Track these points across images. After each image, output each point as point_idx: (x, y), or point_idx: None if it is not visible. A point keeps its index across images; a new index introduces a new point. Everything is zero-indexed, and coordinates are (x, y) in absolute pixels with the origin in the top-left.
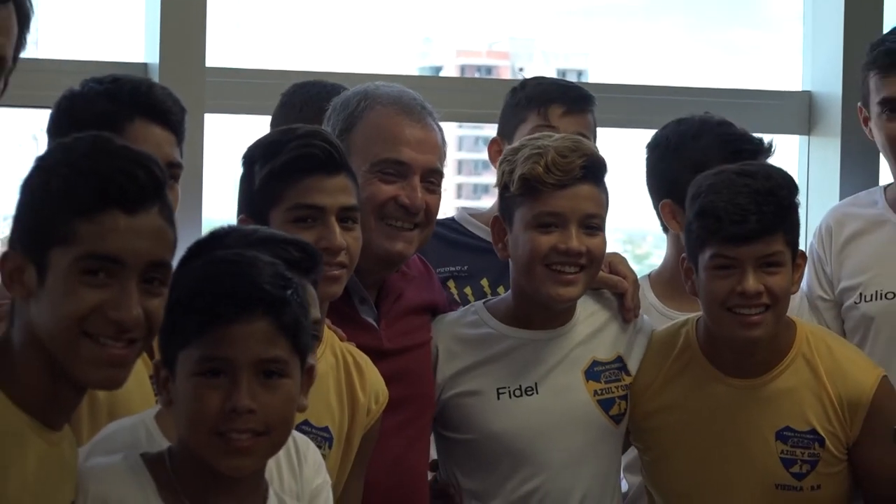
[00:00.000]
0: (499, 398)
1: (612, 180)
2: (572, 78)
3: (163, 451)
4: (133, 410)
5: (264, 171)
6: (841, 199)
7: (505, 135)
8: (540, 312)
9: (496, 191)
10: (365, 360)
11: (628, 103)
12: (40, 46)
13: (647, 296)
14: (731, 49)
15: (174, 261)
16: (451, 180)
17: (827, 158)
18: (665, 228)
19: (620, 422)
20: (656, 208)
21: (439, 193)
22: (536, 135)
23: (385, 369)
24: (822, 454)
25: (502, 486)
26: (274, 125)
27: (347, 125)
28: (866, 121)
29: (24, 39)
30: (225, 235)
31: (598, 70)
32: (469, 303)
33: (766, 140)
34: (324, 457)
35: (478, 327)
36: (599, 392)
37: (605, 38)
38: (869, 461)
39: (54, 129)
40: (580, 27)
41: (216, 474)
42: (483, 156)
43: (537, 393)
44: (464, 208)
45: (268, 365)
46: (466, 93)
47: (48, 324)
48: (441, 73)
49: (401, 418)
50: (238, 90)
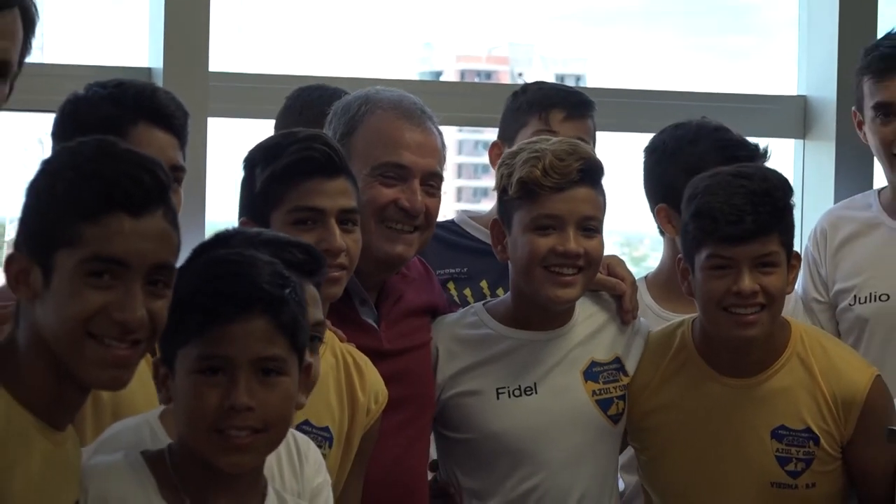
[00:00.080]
0: (498, 398)
1: (610, 183)
2: (570, 83)
3: (163, 449)
4: (137, 410)
5: (265, 174)
6: (835, 203)
7: (506, 138)
8: (539, 314)
9: (496, 194)
10: (365, 361)
11: (626, 107)
12: (46, 51)
13: (644, 298)
14: (727, 54)
15: (178, 263)
16: (451, 183)
17: (821, 162)
18: (662, 231)
19: (618, 421)
20: (653, 212)
21: (439, 196)
22: (534, 138)
23: (385, 370)
24: (816, 452)
25: (501, 485)
26: (277, 129)
27: (348, 129)
28: (860, 125)
29: (30, 44)
30: (229, 238)
31: (596, 75)
32: (468, 304)
33: (763, 145)
34: (324, 456)
35: (477, 328)
36: (598, 392)
37: (603, 44)
38: (863, 459)
39: (59, 132)
40: (578, 33)
41: (215, 471)
42: (482, 159)
43: (536, 393)
44: (463, 211)
45: (266, 363)
46: (466, 97)
47: (53, 325)
48: (441, 78)
49: (400, 418)
50: (241, 94)
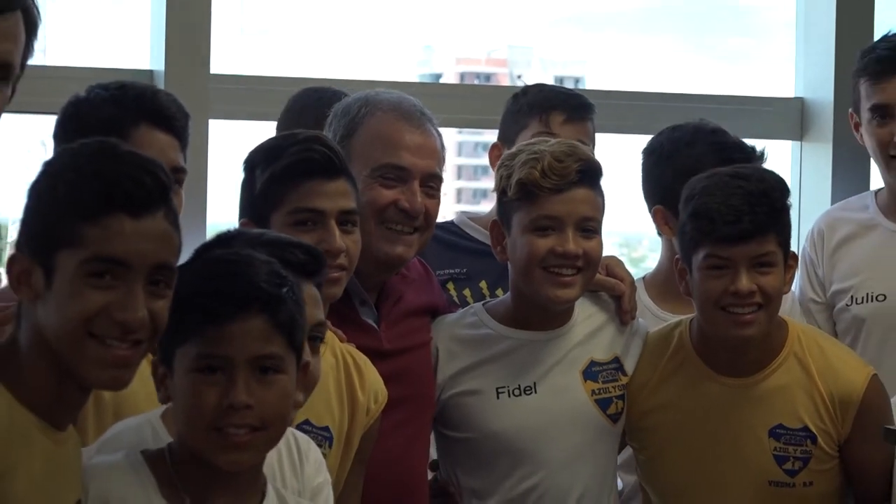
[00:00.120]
0: (498, 398)
1: (609, 185)
2: (569, 85)
3: (163, 448)
4: (139, 410)
5: (265, 176)
6: (833, 204)
7: (506, 140)
8: (538, 314)
9: (495, 195)
10: (364, 361)
11: (624, 109)
12: (48, 54)
13: (642, 298)
14: (725, 57)
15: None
16: (450, 185)
17: (819, 163)
18: (660, 233)
19: (618, 421)
20: (651, 213)
21: (438, 198)
22: (533, 140)
23: (385, 370)
24: (814, 451)
25: (501, 484)
26: (279, 131)
27: (348, 131)
28: (857, 126)
29: (32, 47)
30: (231, 239)
31: (595, 77)
32: (468, 304)
33: (759, 148)
34: (324, 456)
35: (477, 328)
36: (597, 392)
37: (602, 47)
38: (860, 458)
39: (61, 134)
40: (577, 36)
41: (215, 469)
42: (482, 161)
43: (536, 392)
44: (463, 212)
45: (264, 361)
46: (466, 99)
47: (55, 325)
48: (441, 80)
49: (400, 418)
50: (242, 96)
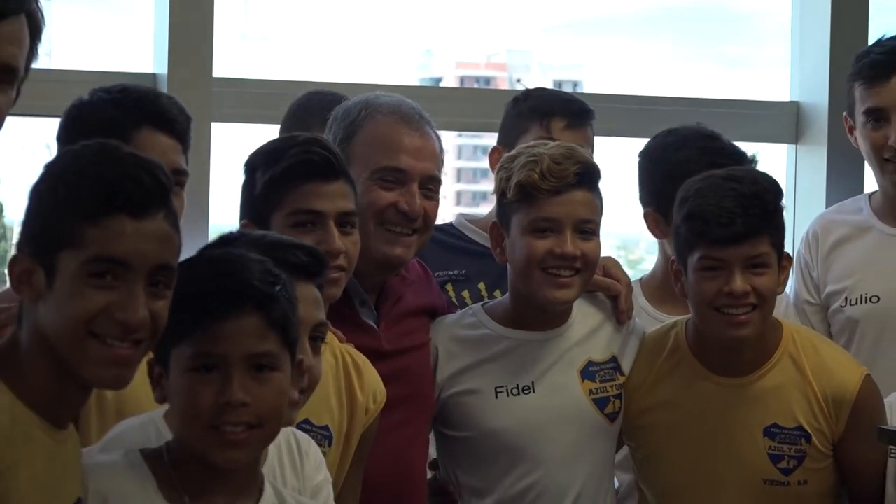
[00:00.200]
0: (496, 397)
1: (607, 187)
2: (568, 89)
3: (161, 447)
4: (141, 409)
5: (265, 178)
6: (827, 206)
7: (506, 144)
8: (536, 314)
9: (495, 198)
10: (363, 361)
11: (622, 113)
12: (53, 57)
13: (639, 300)
14: (722, 61)
15: None
16: (450, 188)
17: (814, 166)
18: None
19: (615, 420)
20: (643, 215)
21: (437, 200)
22: (532, 143)
23: (384, 369)
24: (808, 450)
25: (500, 483)
26: (281, 134)
27: (348, 133)
28: (851, 130)
29: (36, 50)
30: (234, 240)
31: (593, 81)
32: (467, 305)
33: (751, 153)
34: (324, 454)
35: (476, 329)
36: (594, 391)
37: (600, 51)
38: (853, 457)
39: (64, 136)
40: (575, 40)
41: (212, 467)
42: (481, 164)
43: (534, 392)
44: (462, 214)
45: (259, 359)
46: (465, 103)
47: (56, 325)
48: (441, 84)
49: (400, 417)
50: (244, 100)
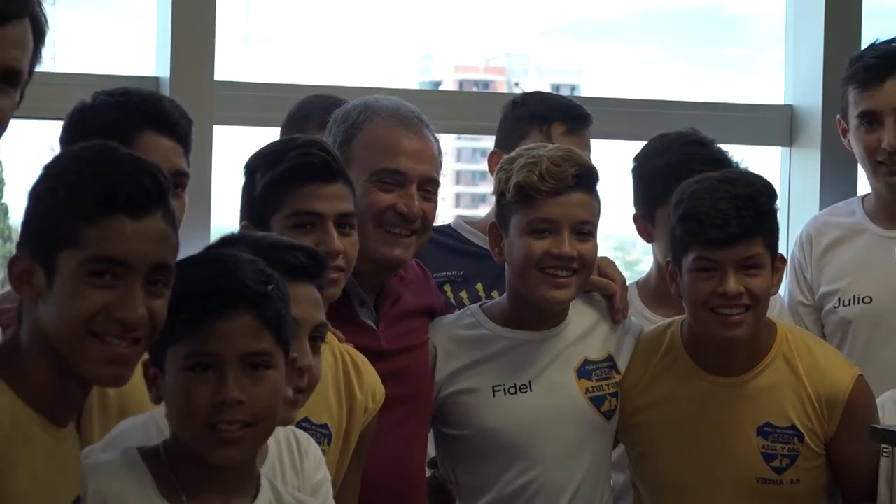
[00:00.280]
0: (494, 396)
1: (604, 189)
2: (565, 92)
3: (158, 445)
4: (143, 408)
5: (265, 179)
6: (821, 209)
7: (505, 148)
8: (534, 314)
9: (493, 200)
10: (362, 360)
11: (619, 116)
12: (58, 61)
13: (635, 303)
14: (717, 65)
15: None
16: (449, 190)
17: (807, 169)
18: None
19: (611, 418)
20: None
21: (436, 201)
22: (532, 145)
23: (383, 369)
24: (801, 449)
25: (498, 481)
26: (280, 136)
27: (348, 136)
28: (845, 132)
29: (40, 53)
30: (235, 242)
31: (590, 85)
32: (465, 306)
33: (735, 160)
34: (323, 453)
35: (474, 329)
36: (591, 390)
37: (597, 55)
38: (846, 456)
39: (67, 139)
40: (573, 44)
41: (209, 465)
42: (480, 166)
43: (531, 391)
44: (460, 216)
45: (254, 358)
46: (464, 106)
47: (56, 324)
48: (440, 88)
49: (398, 416)
50: (245, 103)
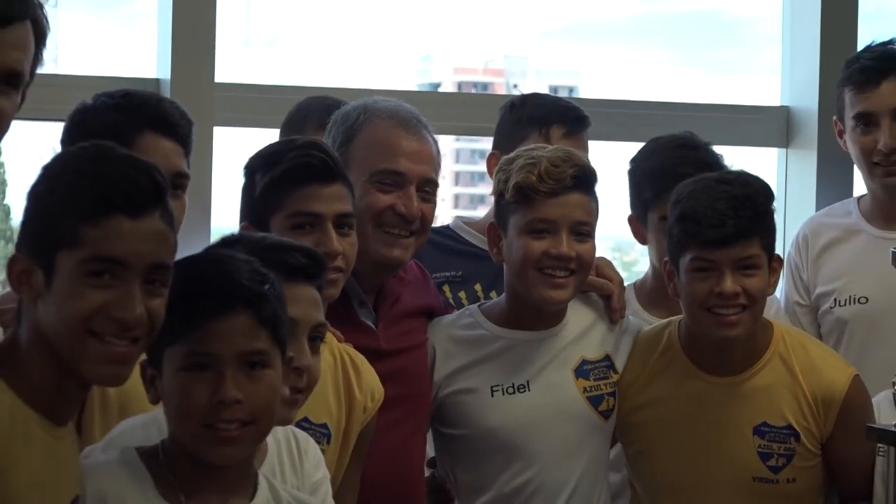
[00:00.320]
0: (492, 395)
1: (602, 191)
2: (563, 94)
3: (157, 445)
4: (144, 408)
5: (265, 180)
6: (817, 209)
7: (504, 150)
8: (532, 314)
9: (492, 200)
10: (361, 360)
11: (617, 118)
12: (59, 63)
13: (632, 304)
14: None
15: None
16: (448, 191)
17: (804, 170)
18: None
19: (609, 417)
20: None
21: (434, 202)
22: (531, 146)
23: (382, 369)
24: (797, 448)
25: (496, 480)
26: (280, 137)
27: (347, 137)
28: (841, 134)
29: (41, 55)
30: (235, 242)
31: (588, 86)
32: (463, 306)
33: (726, 165)
34: (322, 452)
35: (473, 329)
36: (588, 389)
37: (595, 57)
38: (842, 456)
39: (68, 140)
40: (571, 46)
41: (207, 465)
42: (479, 168)
43: (529, 390)
44: (458, 217)
45: (251, 357)
46: (464, 107)
47: (55, 323)
48: (440, 89)
49: (397, 415)
50: (245, 104)
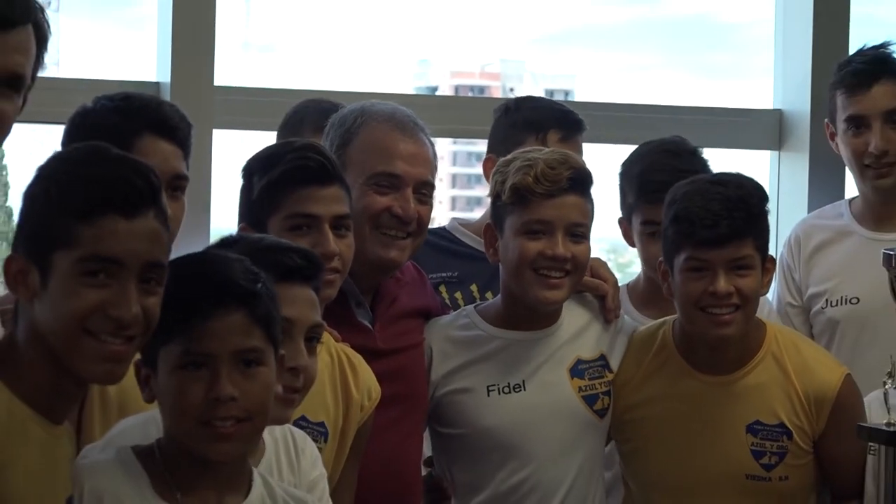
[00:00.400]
0: (489, 395)
1: (598, 193)
2: (559, 97)
3: (152, 444)
4: (143, 407)
5: (263, 182)
6: (809, 211)
7: (500, 154)
8: (527, 314)
9: (488, 203)
10: (358, 360)
11: (611, 121)
12: (61, 66)
13: (625, 304)
14: (709, 70)
15: None
16: (445, 193)
17: (796, 172)
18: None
19: (604, 416)
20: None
21: (431, 204)
22: (528, 148)
23: (379, 368)
24: (789, 447)
25: (493, 478)
26: (278, 140)
27: (345, 140)
28: (833, 136)
29: (42, 59)
30: (233, 243)
31: (583, 90)
32: (459, 307)
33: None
34: (320, 450)
35: (469, 329)
36: (584, 388)
37: (590, 61)
38: (834, 454)
39: (68, 142)
40: (566, 50)
41: (203, 462)
42: (476, 170)
43: (525, 390)
44: (454, 218)
45: (246, 354)
46: (460, 111)
47: (51, 322)
48: (437, 93)
49: (394, 414)
50: (244, 107)
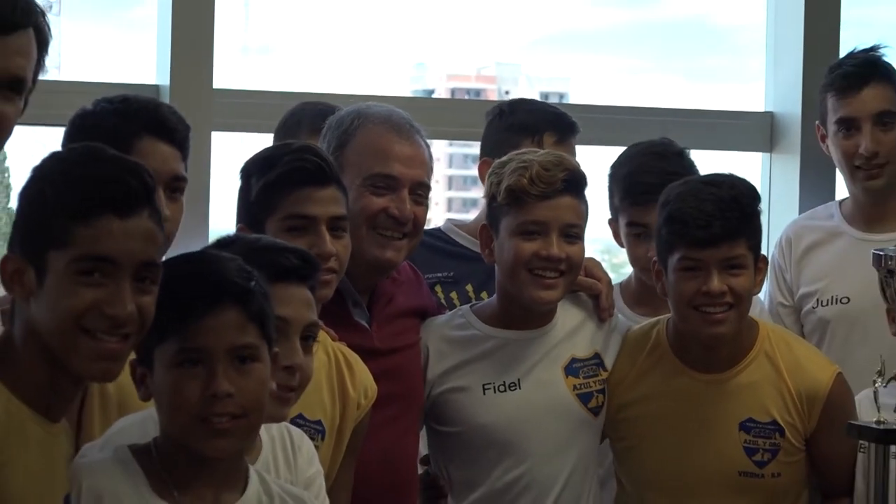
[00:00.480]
0: (484, 393)
1: (593, 194)
2: (554, 100)
3: (149, 443)
4: (142, 405)
5: (260, 184)
6: (800, 212)
7: (494, 156)
8: (522, 314)
9: (483, 204)
10: (355, 359)
11: (604, 123)
12: (62, 69)
13: (617, 303)
14: (700, 73)
15: None
16: (441, 194)
17: (787, 174)
18: None
19: (599, 414)
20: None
21: (426, 205)
22: (523, 150)
23: (376, 367)
24: (782, 444)
25: (489, 475)
26: (275, 142)
27: (341, 142)
28: (823, 138)
29: (43, 62)
30: (230, 243)
31: (578, 93)
32: (455, 306)
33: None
34: (317, 448)
35: (465, 329)
36: (578, 386)
37: (584, 64)
38: (825, 451)
39: (68, 144)
40: (561, 54)
41: (200, 459)
42: (471, 172)
43: (520, 388)
44: (450, 219)
45: (241, 351)
46: (456, 113)
47: (48, 321)
48: (433, 96)
49: (391, 413)
50: (243, 110)
